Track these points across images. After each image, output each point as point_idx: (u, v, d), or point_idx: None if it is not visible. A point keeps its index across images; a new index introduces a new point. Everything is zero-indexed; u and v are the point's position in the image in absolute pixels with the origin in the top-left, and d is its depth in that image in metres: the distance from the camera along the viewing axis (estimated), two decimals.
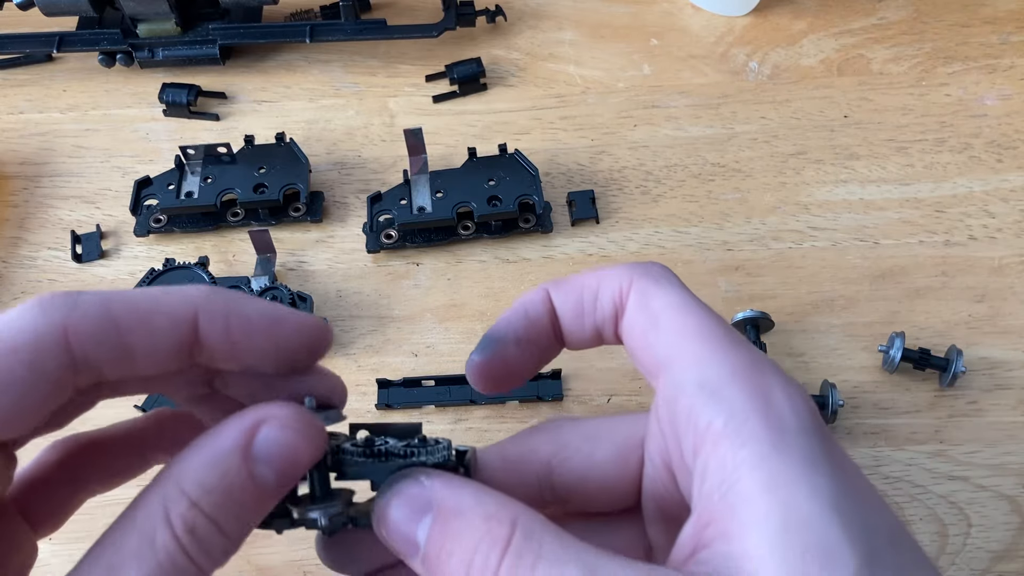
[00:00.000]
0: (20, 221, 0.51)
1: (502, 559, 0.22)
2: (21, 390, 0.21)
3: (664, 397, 0.25)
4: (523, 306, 0.28)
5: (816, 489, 0.21)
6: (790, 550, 0.20)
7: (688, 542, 0.23)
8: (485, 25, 0.59)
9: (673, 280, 0.27)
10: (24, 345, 0.21)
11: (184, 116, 0.55)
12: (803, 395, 0.23)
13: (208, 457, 0.22)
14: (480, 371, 0.28)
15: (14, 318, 0.21)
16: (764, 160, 0.53)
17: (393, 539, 0.24)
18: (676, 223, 0.50)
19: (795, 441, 0.22)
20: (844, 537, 0.20)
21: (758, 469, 0.21)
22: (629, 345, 0.27)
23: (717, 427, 0.22)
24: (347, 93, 0.56)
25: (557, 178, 0.52)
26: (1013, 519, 0.40)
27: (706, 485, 0.22)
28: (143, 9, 0.55)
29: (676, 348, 0.25)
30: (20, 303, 0.22)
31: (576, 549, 0.22)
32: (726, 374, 0.23)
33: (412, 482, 0.24)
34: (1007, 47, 0.57)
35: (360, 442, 0.26)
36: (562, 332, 0.28)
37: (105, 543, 0.22)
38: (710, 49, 0.58)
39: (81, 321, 0.21)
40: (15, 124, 0.55)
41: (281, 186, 0.49)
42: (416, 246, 0.49)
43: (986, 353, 0.45)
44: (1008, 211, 0.50)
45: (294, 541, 0.40)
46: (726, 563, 0.21)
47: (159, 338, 0.23)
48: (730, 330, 0.25)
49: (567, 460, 0.28)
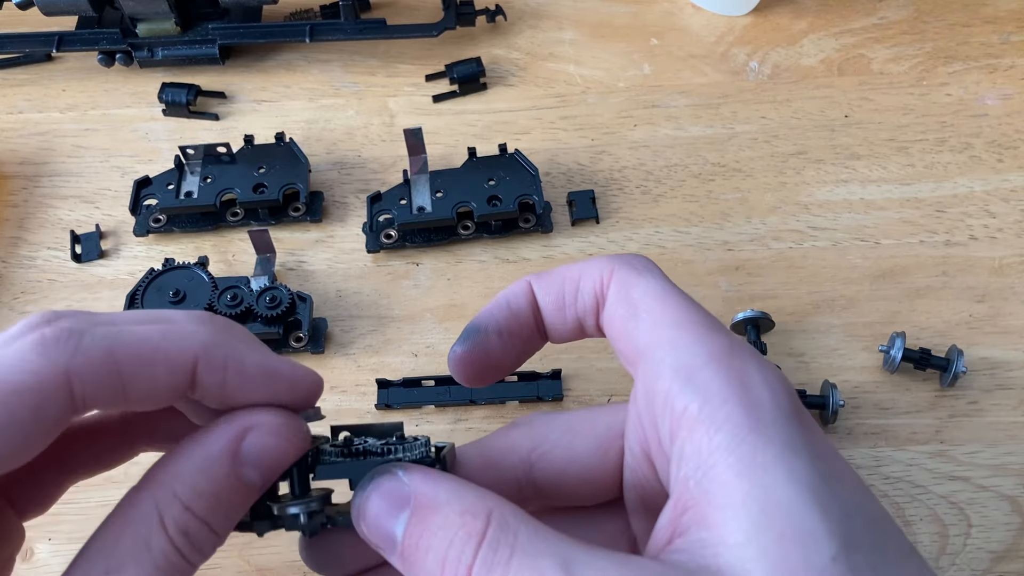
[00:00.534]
0: (19, 221, 0.51)
1: (476, 553, 0.21)
2: (22, 431, 0.21)
3: (642, 384, 0.25)
4: (505, 298, 0.28)
5: (793, 473, 0.21)
6: (767, 535, 0.20)
7: (666, 529, 0.22)
8: (485, 25, 0.59)
9: (654, 270, 0.27)
10: (27, 388, 0.21)
11: (183, 116, 0.55)
12: (781, 379, 0.23)
13: (199, 463, 0.23)
14: (462, 362, 0.28)
15: (16, 358, 0.21)
16: (764, 160, 0.52)
17: (372, 534, 0.24)
18: (676, 223, 0.50)
19: (772, 425, 0.22)
20: (822, 521, 0.20)
21: (734, 454, 0.21)
22: (610, 335, 0.27)
23: (693, 412, 0.22)
24: (347, 93, 0.56)
25: (557, 178, 0.52)
26: (1014, 519, 0.40)
27: (682, 471, 0.22)
28: (142, 9, 0.55)
29: (654, 336, 0.25)
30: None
31: (552, 541, 0.21)
32: (702, 359, 0.23)
33: (390, 477, 0.24)
34: (1008, 47, 0.57)
35: (339, 443, 0.26)
36: (544, 324, 0.28)
37: (98, 546, 0.22)
38: (710, 49, 0.58)
39: (84, 367, 0.22)
40: (14, 124, 0.55)
41: (281, 186, 0.49)
42: (416, 246, 0.49)
43: (987, 353, 0.45)
44: (1009, 211, 0.50)
45: (294, 541, 0.40)
46: (703, 549, 0.21)
47: (158, 385, 0.23)
48: (709, 317, 0.25)
49: (546, 454, 0.28)
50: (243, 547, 0.40)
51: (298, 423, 0.25)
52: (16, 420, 0.21)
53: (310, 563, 0.28)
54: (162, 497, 0.22)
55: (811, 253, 0.49)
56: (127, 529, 0.22)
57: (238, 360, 0.24)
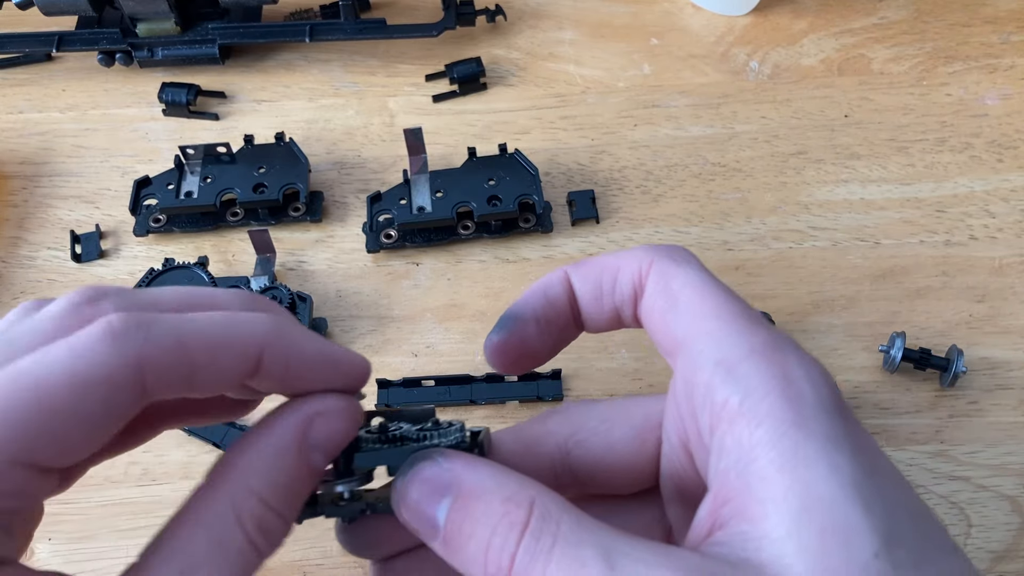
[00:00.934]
0: (19, 221, 0.51)
1: (520, 541, 0.22)
2: (93, 424, 0.21)
3: (682, 376, 0.25)
4: (543, 287, 0.28)
5: (836, 468, 0.21)
6: (809, 530, 0.20)
7: (705, 521, 0.22)
8: (485, 25, 0.59)
9: (693, 261, 0.27)
10: (99, 381, 0.20)
11: (183, 116, 0.55)
12: (823, 373, 0.23)
13: (273, 455, 0.23)
14: (498, 350, 0.28)
15: (87, 349, 0.21)
16: (764, 160, 0.52)
17: (413, 519, 0.24)
18: (676, 223, 0.50)
19: (814, 419, 0.21)
20: (864, 517, 0.20)
21: (775, 447, 0.21)
22: (648, 326, 0.27)
23: (733, 405, 0.22)
24: (347, 93, 0.56)
25: (557, 178, 0.52)
26: (1014, 519, 0.40)
27: (723, 463, 0.22)
28: (142, 8, 0.55)
29: (694, 327, 0.25)
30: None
31: (593, 530, 0.21)
32: (743, 352, 0.23)
33: (431, 463, 0.24)
34: (1008, 47, 0.57)
35: (375, 428, 0.26)
36: (581, 314, 0.28)
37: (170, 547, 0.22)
38: (710, 49, 0.58)
39: (155, 356, 0.21)
40: (14, 124, 0.55)
41: (281, 186, 0.49)
42: (416, 246, 0.49)
43: (987, 353, 0.45)
44: (1009, 211, 0.50)
45: (294, 541, 0.40)
46: (744, 543, 0.21)
47: (225, 374, 0.23)
48: (749, 310, 0.25)
49: (584, 442, 0.28)
50: None
51: (357, 406, 0.25)
52: (88, 414, 0.20)
53: (347, 546, 0.28)
54: (238, 493, 0.22)
55: (811, 253, 0.49)
56: (199, 529, 0.22)
57: (299, 347, 0.24)
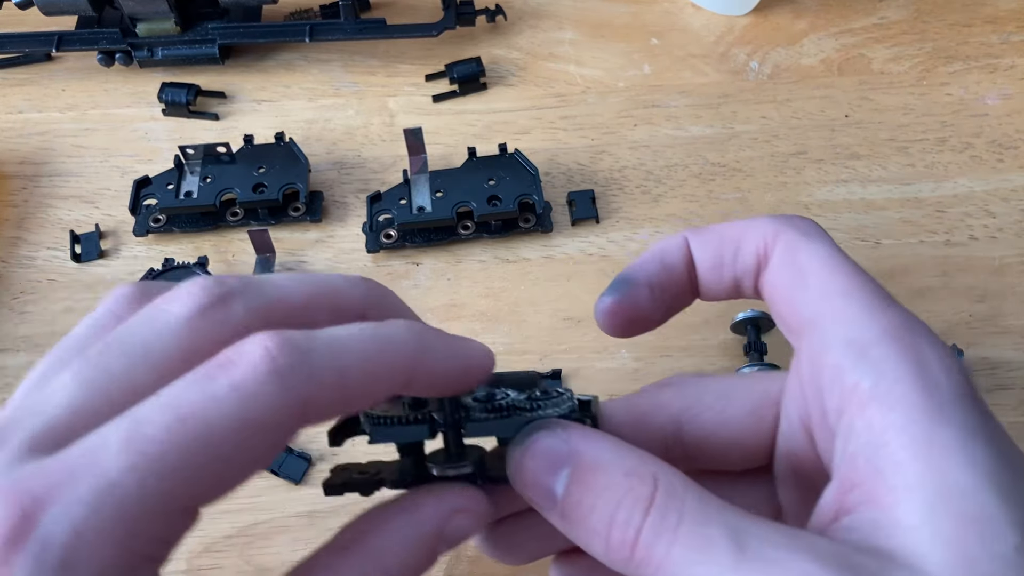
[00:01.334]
0: (19, 221, 0.51)
1: (646, 517, 0.21)
2: (255, 465, 0.20)
3: (808, 356, 0.24)
4: (660, 251, 0.28)
5: (973, 459, 0.20)
6: (945, 520, 0.19)
7: (830, 506, 0.22)
8: (485, 24, 0.59)
9: (822, 235, 0.26)
10: (268, 428, 0.20)
11: (183, 116, 0.55)
12: (956, 361, 0.22)
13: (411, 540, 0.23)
14: (610, 312, 0.27)
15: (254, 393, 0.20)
16: (764, 160, 0.52)
17: (530, 491, 0.24)
18: (677, 223, 0.50)
19: (950, 407, 0.21)
20: (1003, 509, 0.19)
21: (908, 434, 0.20)
22: (771, 300, 0.26)
23: (865, 388, 0.22)
24: (347, 93, 0.56)
25: (557, 178, 0.52)
26: None
27: (851, 447, 0.22)
28: (142, 8, 0.55)
29: (824, 305, 0.24)
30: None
31: (719, 509, 0.21)
32: (875, 334, 0.22)
33: (548, 433, 0.24)
34: (1008, 46, 0.57)
35: (481, 397, 0.26)
36: (698, 282, 0.28)
37: None
38: (710, 49, 0.58)
39: (318, 396, 0.20)
40: (14, 123, 0.55)
41: (280, 186, 0.49)
42: (416, 246, 0.49)
43: (987, 353, 0.45)
44: (1009, 211, 0.50)
45: (294, 540, 0.40)
46: (875, 530, 0.20)
47: (374, 397, 0.22)
48: (881, 289, 0.24)
49: (698, 416, 0.27)
50: (243, 547, 0.40)
51: (491, 509, 0.25)
52: (252, 458, 0.20)
53: (491, 552, 0.28)
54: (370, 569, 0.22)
55: None
56: None
57: (441, 358, 0.23)
